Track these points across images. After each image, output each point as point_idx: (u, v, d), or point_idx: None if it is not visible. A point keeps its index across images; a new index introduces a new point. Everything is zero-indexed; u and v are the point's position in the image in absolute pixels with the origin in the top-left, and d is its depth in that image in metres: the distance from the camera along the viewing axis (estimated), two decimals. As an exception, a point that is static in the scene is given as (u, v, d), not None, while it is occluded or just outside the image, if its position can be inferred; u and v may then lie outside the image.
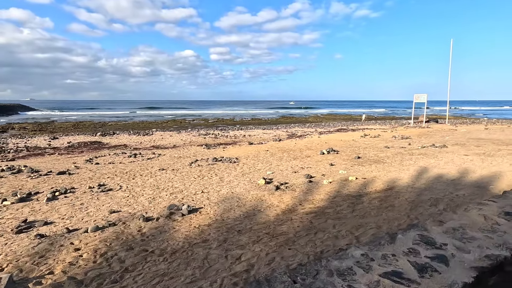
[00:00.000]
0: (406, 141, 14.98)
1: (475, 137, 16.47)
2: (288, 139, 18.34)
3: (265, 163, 9.95)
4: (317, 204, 5.50)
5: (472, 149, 11.95)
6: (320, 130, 24.33)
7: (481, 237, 2.52)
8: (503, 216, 2.98)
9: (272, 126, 31.59)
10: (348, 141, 15.57)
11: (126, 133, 21.38)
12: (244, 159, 10.77)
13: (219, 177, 7.98)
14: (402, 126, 27.03)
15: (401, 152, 11.60)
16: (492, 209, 3.18)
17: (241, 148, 13.94)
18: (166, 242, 3.91)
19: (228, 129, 25.61)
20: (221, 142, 16.77)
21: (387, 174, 7.92)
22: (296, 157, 11.06)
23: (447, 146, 13.01)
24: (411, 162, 9.45)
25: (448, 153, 11.16)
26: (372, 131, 21.35)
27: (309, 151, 12.22)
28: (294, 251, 3.51)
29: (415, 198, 5.69)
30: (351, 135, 18.55)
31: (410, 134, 18.43)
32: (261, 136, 20.11)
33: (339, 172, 8.30)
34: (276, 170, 8.88)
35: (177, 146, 15.06)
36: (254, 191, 6.58)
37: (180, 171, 8.87)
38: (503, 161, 9.30)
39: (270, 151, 12.49)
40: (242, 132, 22.47)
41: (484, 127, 22.78)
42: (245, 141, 17.61)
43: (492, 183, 6.71)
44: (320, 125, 31.81)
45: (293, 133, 21.79)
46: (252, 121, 47.64)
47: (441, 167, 8.67)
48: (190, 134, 20.81)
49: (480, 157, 10.22)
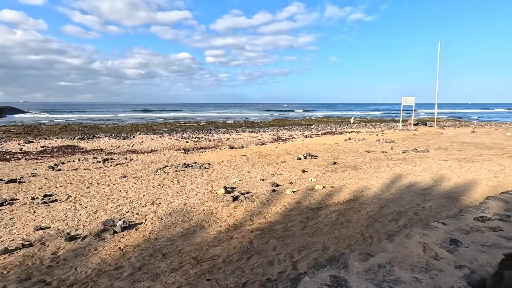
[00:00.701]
0: (389, 145, 14.52)
1: (460, 140, 16.05)
2: (272, 142, 17.82)
3: (236, 170, 9.40)
4: (269, 219, 4.95)
5: (453, 154, 11.50)
6: (307, 133, 23.84)
7: (408, 280, 1.99)
8: (447, 246, 2.46)
9: (261, 129, 31.08)
10: (331, 145, 15.08)
11: (107, 136, 20.73)
12: (217, 165, 10.22)
13: (180, 186, 7.40)
14: (391, 129, 26.64)
15: (381, 157, 11.11)
16: (437, 235, 2.66)
17: (219, 152, 13.38)
18: (74, 270, 3.34)
19: (214, 133, 25.05)
20: (201, 146, 16.20)
21: (357, 182, 7.41)
22: (271, 162, 10.52)
23: (429, 150, 12.55)
24: (387, 169, 8.95)
25: (428, 158, 10.69)
26: (358, 135, 20.90)
27: (287, 156, 11.69)
28: (213, 282, 2.96)
29: (377, 212, 5.17)
30: (336, 139, 18.06)
31: (395, 138, 17.99)
32: (246, 140, 19.57)
33: (309, 180, 7.77)
34: (245, 177, 8.34)
35: (155, 151, 14.47)
36: (209, 202, 6.03)
37: (143, 178, 8.29)
38: (482, 167, 8.83)
39: (247, 156, 11.95)
40: (227, 136, 21.92)
41: (471, 130, 22.43)
42: (228, 145, 17.05)
43: (465, 193, 6.22)
44: (309, 128, 31.35)
45: (279, 137, 21.27)
46: (244, 123, 47.13)
47: (417, 174, 8.18)
48: (173, 137, 20.21)
49: (459, 162, 9.76)
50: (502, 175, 7.82)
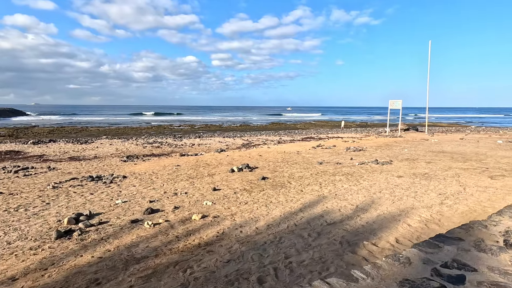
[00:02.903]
0: (354, 155, 12.53)
1: (439, 149, 13.88)
2: (236, 149, 16.05)
3: (145, 185, 7.70)
4: (46, 280, 3.21)
5: (417, 167, 9.45)
6: (284, 139, 21.94)
7: None
8: None
9: (246, 133, 29.34)
10: (290, 153, 13.19)
11: (65, 141, 19.37)
12: (133, 178, 8.54)
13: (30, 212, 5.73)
14: (378, 134, 24.41)
15: (328, 170, 9.19)
16: None
17: (158, 161, 11.70)
18: None
19: (188, 137, 23.46)
20: (154, 153, 14.58)
21: (258, 209, 5.57)
22: (196, 176, 8.77)
23: (392, 162, 10.52)
24: (316, 188, 7.05)
25: (382, 173, 8.70)
26: (334, 141, 18.87)
27: (223, 168, 9.89)
28: None
29: (223, 265, 3.37)
30: (304, 146, 16.13)
31: (370, 145, 15.91)
32: (212, 146, 17.86)
33: (203, 204, 5.98)
34: (137, 197, 6.62)
35: (98, 158, 12.93)
36: (28, 242, 4.33)
37: (14, 197, 6.69)
38: (435, 188, 6.80)
39: (183, 166, 10.23)
40: (197, 141, 20.26)
41: (459, 137, 20.04)
42: (187, 151, 15.39)
43: (378, 233, 4.31)
44: (297, 132, 29.40)
45: (250, 142, 19.47)
46: (238, 127, 45.59)
47: (346, 197, 6.27)
48: (136, 142, 18.66)
49: (414, 180, 7.76)
50: (451, 201, 5.83)
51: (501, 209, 4.42)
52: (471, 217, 4.89)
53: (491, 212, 5.16)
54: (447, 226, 4.51)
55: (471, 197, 6.12)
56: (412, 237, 4.13)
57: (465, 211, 5.19)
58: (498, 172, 8.55)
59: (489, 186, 6.95)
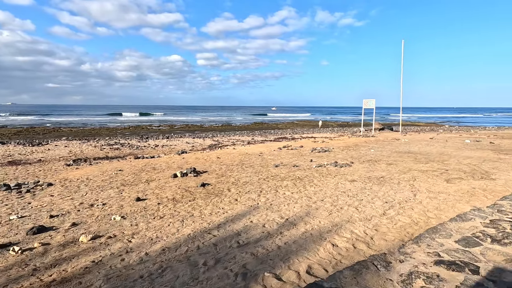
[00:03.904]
0: (318, 156, 11.79)
1: (405, 150, 13.33)
2: (200, 150, 15.08)
3: (68, 193, 6.64)
4: None
5: (375, 170, 8.76)
6: (257, 139, 21.10)
7: None
8: None
9: (222, 133, 28.36)
10: (252, 154, 12.33)
11: (15, 143, 17.90)
12: (60, 186, 7.45)
13: None
14: (352, 134, 23.92)
15: (280, 174, 8.36)
16: None
17: (107, 165, 10.58)
18: None
19: (156, 138, 22.30)
20: (108, 156, 13.43)
21: (165, 228, 4.62)
22: (133, 182, 7.76)
23: (352, 164, 9.81)
24: (253, 197, 6.17)
25: (336, 176, 7.95)
26: (303, 141, 18.17)
27: (171, 171, 8.89)
28: None
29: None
30: (272, 146, 15.31)
31: (339, 146, 15.26)
32: (177, 147, 16.82)
33: (111, 219, 5.02)
34: (44, 210, 5.55)
35: (43, 161, 11.69)
36: None
37: None
38: (383, 195, 6.04)
39: (126, 171, 9.19)
40: (163, 142, 19.14)
41: (429, 137, 19.72)
42: (146, 153, 14.31)
43: (297, 255, 3.46)
44: (271, 133, 28.64)
45: (219, 143, 18.53)
46: (219, 127, 44.62)
47: (278, 208, 5.43)
48: (93, 144, 17.38)
49: (366, 184, 7.02)
50: (395, 211, 5.07)
51: (425, 230, 3.70)
52: (409, 232, 4.13)
53: (435, 224, 4.45)
54: (377, 246, 3.73)
55: (419, 205, 5.40)
56: (330, 263, 3.31)
57: (404, 225, 4.44)
58: (456, 174, 7.94)
59: (442, 192, 6.27)
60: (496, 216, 4.36)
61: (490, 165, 9.28)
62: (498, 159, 10.39)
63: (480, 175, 7.80)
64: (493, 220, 4.21)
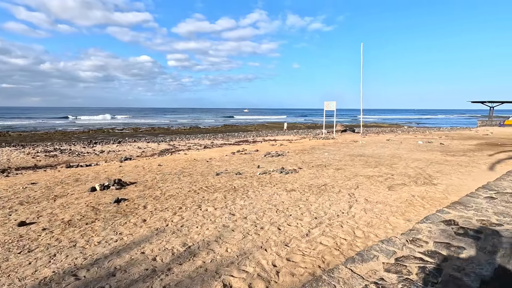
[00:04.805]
0: (269, 161, 11.05)
1: (359, 153, 13.02)
2: (148, 156, 13.82)
3: None
4: None
5: (321, 176, 8.15)
6: (216, 142, 20.10)
7: None
8: None
9: (188, 136, 27.01)
10: (200, 160, 11.34)
11: None
12: None
13: None
14: (314, 136, 23.68)
15: (216, 184, 7.44)
16: None
17: (25, 177, 9.07)
18: None
19: (106, 143, 20.58)
20: (38, 164, 11.78)
21: (24, 267, 3.58)
22: (38, 199, 6.46)
23: (300, 170, 9.16)
24: (166, 216, 5.20)
25: (276, 185, 7.20)
26: (263, 144, 17.48)
27: (93, 183, 7.69)
28: None
29: None
30: (227, 151, 14.41)
31: (295, 149, 14.70)
32: (125, 152, 15.39)
33: (-40, 256, 3.84)
34: None
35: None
36: None
37: None
38: (317, 208, 5.29)
39: (41, 184, 7.82)
40: (113, 147, 17.57)
41: (386, 139, 19.87)
42: (85, 161, 12.81)
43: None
44: (234, 135, 27.76)
45: (173, 148, 17.32)
46: (186, 130, 43.02)
47: (188, 231, 4.50)
48: (28, 151, 15.45)
49: (304, 195, 6.32)
50: (320, 230, 4.34)
51: (341, 262, 2.95)
52: (325, 261, 3.39)
53: (360, 247, 3.75)
54: (280, 285, 2.93)
55: (351, 220, 4.74)
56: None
57: (324, 250, 3.71)
58: (400, 180, 7.51)
59: (380, 201, 5.70)
60: (406, 251, 3.42)
61: (436, 168, 9.04)
62: (444, 161, 10.26)
63: (423, 180, 7.42)
64: (400, 257, 3.27)
